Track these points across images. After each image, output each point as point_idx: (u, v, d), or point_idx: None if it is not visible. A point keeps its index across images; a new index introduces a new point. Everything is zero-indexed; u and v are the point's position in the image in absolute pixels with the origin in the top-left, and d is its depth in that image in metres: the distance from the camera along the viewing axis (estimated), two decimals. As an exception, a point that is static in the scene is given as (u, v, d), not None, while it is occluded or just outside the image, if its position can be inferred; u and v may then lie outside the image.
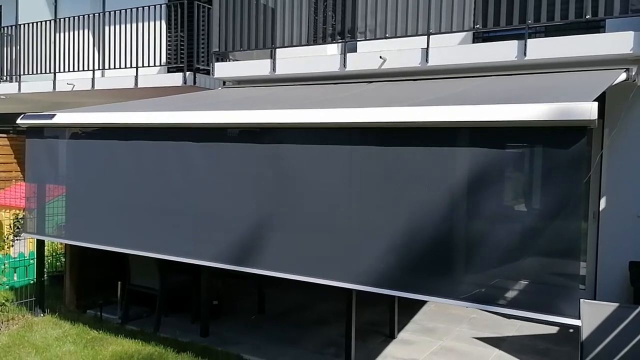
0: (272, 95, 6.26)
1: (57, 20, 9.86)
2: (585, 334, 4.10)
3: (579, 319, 3.46)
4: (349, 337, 4.96)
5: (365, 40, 6.36)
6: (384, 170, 4.15)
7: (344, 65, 6.42)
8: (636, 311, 4.04)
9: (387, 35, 6.14)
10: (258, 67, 7.11)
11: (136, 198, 5.37)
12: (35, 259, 6.58)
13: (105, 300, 6.53)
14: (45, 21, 9.99)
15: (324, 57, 6.73)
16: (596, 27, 5.88)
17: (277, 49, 6.94)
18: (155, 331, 5.89)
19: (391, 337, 5.78)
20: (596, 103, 3.40)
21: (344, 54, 6.43)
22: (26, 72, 10.23)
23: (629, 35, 5.00)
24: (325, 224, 4.39)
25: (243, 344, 5.56)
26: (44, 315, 6.33)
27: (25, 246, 8.36)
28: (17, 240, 9.08)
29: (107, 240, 5.55)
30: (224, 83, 7.80)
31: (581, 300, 4.10)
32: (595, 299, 5.88)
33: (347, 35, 6.42)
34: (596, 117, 3.38)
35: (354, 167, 4.31)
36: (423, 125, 3.97)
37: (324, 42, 6.69)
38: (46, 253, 6.95)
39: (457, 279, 3.91)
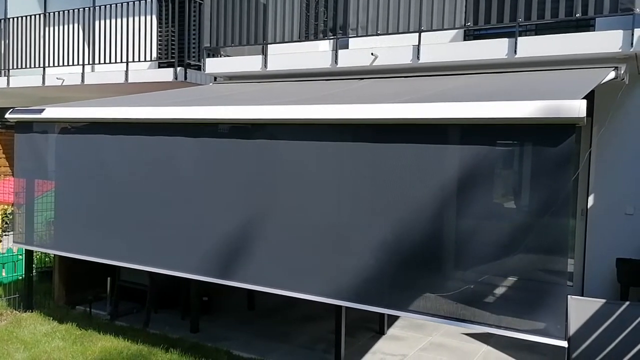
0: (263, 92, 6.25)
1: (47, 14, 9.77)
2: (572, 329, 4.13)
3: (565, 339, 3.49)
4: (339, 333, 4.97)
5: (357, 36, 6.36)
6: (374, 168, 4.17)
7: (336, 62, 6.42)
8: (623, 307, 4.08)
9: (378, 32, 6.14)
10: (249, 63, 7.09)
11: (124, 202, 5.34)
12: (23, 255, 6.53)
13: (94, 296, 6.51)
14: (35, 15, 9.88)
15: (316, 53, 6.72)
16: (586, 25, 5.92)
17: (269, 45, 6.92)
18: (145, 327, 5.87)
19: (381, 333, 5.80)
20: (585, 101, 3.43)
21: (335, 50, 6.43)
22: (15, 67, 10.12)
23: (618, 34, 5.04)
24: (314, 227, 4.40)
25: (233, 340, 5.56)
26: (32, 311, 6.29)
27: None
28: (5, 235, 9.02)
29: (92, 251, 5.55)
30: (215, 79, 7.77)
31: (569, 296, 4.13)
32: (582, 296, 5.94)
33: (338, 31, 6.42)
34: (585, 115, 3.41)
35: (345, 164, 4.31)
36: (413, 123, 3.99)
37: (316, 38, 6.68)
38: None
39: (447, 280, 3.94)
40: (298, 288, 4.45)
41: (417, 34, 5.91)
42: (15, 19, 10.06)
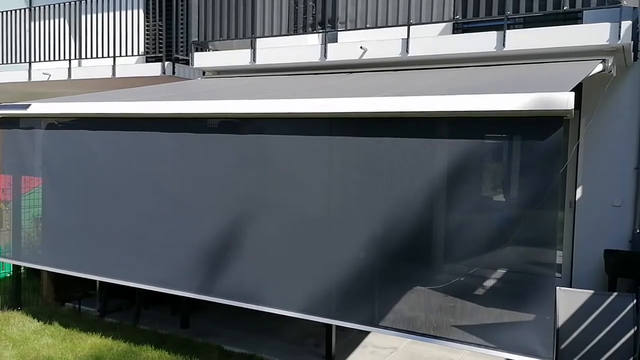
0: (252, 86, 6.21)
1: (32, 8, 9.63)
2: (561, 320, 4.16)
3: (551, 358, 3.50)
4: (329, 327, 4.98)
5: (346, 30, 6.33)
6: (363, 161, 4.16)
7: (325, 56, 6.39)
8: (610, 298, 4.12)
9: (367, 25, 6.12)
10: (238, 57, 7.04)
11: (109, 208, 5.26)
12: (11, 252, 6.46)
13: (83, 292, 6.45)
14: (20, 9, 9.75)
15: (305, 47, 6.68)
16: (574, 18, 5.94)
17: (257, 39, 6.88)
18: (135, 323, 5.85)
19: (372, 326, 5.81)
20: (572, 93, 3.44)
21: (324, 44, 6.40)
22: (0, 62, 9.98)
23: (605, 26, 5.05)
24: (303, 227, 4.37)
25: (224, 335, 5.55)
26: (20, 309, 6.23)
27: (1, 239, 8.21)
28: (-8, 233, 8.90)
29: (77, 266, 5.48)
30: (204, 73, 7.72)
31: (557, 287, 4.16)
32: (571, 287, 5.99)
33: (327, 25, 6.39)
34: (572, 107, 3.41)
35: (333, 158, 4.30)
36: (403, 116, 3.98)
37: (305, 32, 6.65)
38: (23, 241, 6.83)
39: (437, 274, 3.95)
40: (283, 304, 4.40)
41: (406, 27, 5.90)
42: (0, 14, 9.91)
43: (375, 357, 5.23)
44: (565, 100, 3.42)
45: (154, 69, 8.18)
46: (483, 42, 5.57)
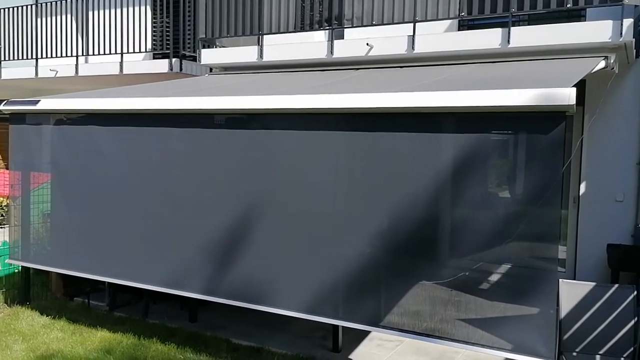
0: (259, 82, 6.27)
1: (39, 4, 9.69)
2: (563, 312, 4.23)
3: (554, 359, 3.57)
4: (336, 319, 5.03)
5: (352, 27, 6.39)
6: (370, 157, 4.21)
7: (331, 52, 6.44)
8: (612, 289, 4.18)
9: (373, 22, 6.18)
10: (245, 53, 7.10)
11: (118, 207, 5.32)
12: (20, 247, 6.52)
13: (92, 287, 6.51)
14: (26, 6, 9.81)
15: (311, 44, 6.73)
16: (577, 16, 5.99)
17: (265, 36, 6.93)
18: (144, 317, 5.91)
19: (377, 319, 5.87)
20: (574, 89, 3.49)
21: (331, 40, 6.45)
22: (7, 58, 10.05)
23: (608, 24, 5.11)
24: (313, 221, 4.42)
25: (231, 329, 5.61)
26: (30, 304, 6.29)
27: (10, 234, 8.28)
28: (1, 228, 8.99)
29: (86, 268, 5.55)
30: (211, 70, 7.77)
31: (560, 280, 4.23)
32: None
33: (334, 22, 6.44)
34: (574, 103, 3.47)
35: (340, 153, 4.36)
36: (409, 111, 4.03)
37: (311, 28, 6.70)
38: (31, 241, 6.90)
39: (442, 268, 4.01)
40: (289, 304, 4.44)
41: (412, 24, 5.95)
42: (6, 10, 9.97)
43: (382, 349, 5.30)
44: (567, 95, 3.48)
45: (161, 65, 8.24)
46: (488, 39, 5.62)
